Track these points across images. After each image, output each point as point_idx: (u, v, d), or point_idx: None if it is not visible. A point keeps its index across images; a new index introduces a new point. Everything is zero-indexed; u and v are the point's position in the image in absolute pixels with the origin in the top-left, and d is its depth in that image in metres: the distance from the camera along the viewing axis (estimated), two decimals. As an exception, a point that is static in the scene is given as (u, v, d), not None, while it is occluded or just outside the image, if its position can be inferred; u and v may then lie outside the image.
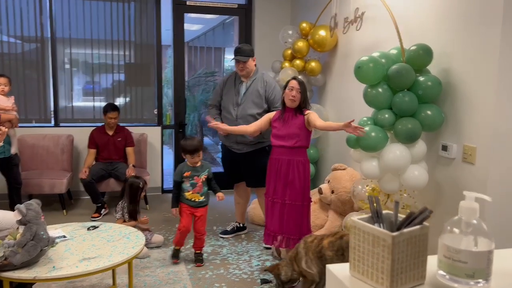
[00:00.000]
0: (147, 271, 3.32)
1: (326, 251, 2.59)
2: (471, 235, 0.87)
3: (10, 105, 4.06)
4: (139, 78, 5.44)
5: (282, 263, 2.79)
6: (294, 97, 3.18)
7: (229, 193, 4.91)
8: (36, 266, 2.32)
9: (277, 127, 3.27)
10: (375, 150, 2.87)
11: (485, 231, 0.88)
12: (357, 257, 0.91)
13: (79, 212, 4.72)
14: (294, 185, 3.18)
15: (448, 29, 2.83)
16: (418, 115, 2.81)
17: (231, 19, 6.46)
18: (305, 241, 2.71)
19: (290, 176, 3.19)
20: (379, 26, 3.60)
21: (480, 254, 0.86)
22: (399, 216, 0.91)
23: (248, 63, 3.67)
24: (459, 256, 0.85)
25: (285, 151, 3.20)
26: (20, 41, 5.04)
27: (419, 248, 0.88)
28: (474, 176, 2.64)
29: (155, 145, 5.42)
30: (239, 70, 3.70)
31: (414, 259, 0.87)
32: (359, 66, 2.87)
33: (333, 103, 4.48)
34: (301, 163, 3.20)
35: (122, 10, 5.26)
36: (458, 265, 0.86)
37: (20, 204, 2.34)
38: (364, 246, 0.89)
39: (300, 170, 3.19)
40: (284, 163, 3.20)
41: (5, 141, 4.03)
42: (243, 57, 3.64)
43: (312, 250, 2.64)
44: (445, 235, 0.90)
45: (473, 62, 2.63)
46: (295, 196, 3.19)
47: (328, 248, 2.59)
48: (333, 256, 2.57)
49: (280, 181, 3.22)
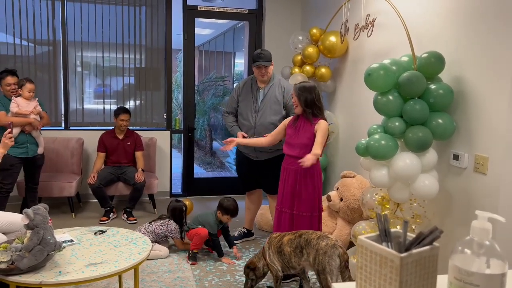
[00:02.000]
0: (153, 276, 3.31)
1: (285, 246, 2.78)
2: (484, 256, 0.84)
3: (30, 109, 4.07)
4: (149, 82, 5.45)
5: (256, 258, 2.96)
6: (294, 103, 3.16)
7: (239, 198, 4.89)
8: (42, 270, 2.32)
9: (290, 134, 3.22)
10: (385, 158, 2.83)
11: (498, 252, 0.85)
12: (364, 277, 0.88)
13: (88, 215, 4.74)
14: (301, 196, 3.12)
15: (460, 36, 2.79)
16: (429, 123, 2.77)
17: (242, 24, 6.46)
18: (270, 237, 2.93)
19: (297, 187, 3.13)
20: (390, 33, 3.56)
21: (493, 277, 0.82)
22: (408, 235, 0.88)
23: (269, 68, 3.64)
24: (471, 278, 0.82)
25: (294, 161, 3.12)
26: (33, 44, 5.09)
27: (428, 269, 0.85)
28: (486, 187, 2.59)
29: (164, 149, 5.43)
30: (260, 75, 3.65)
31: (423, 281, 0.84)
32: (369, 73, 2.84)
33: (343, 109, 4.44)
34: (309, 174, 3.11)
35: (134, 14, 5.29)
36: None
37: (28, 209, 2.35)
38: (371, 266, 0.86)
39: (308, 181, 3.11)
40: (291, 173, 3.15)
41: (29, 142, 4.10)
42: (266, 62, 3.61)
43: (274, 245, 2.85)
44: (456, 255, 0.87)
45: (485, 70, 2.59)
46: (303, 207, 3.13)
47: (287, 244, 2.78)
48: (291, 252, 2.75)
49: (287, 191, 3.17)
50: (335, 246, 2.62)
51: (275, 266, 2.84)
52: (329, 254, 2.60)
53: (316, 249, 2.64)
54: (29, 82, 4.08)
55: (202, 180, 6.08)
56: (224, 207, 3.64)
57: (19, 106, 4.01)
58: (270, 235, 2.96)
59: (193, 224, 3.72)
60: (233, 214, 3.66)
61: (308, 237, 2.71)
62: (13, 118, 3.95)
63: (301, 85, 3.16)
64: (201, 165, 8.53)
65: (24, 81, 4.06)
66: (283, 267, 2.83)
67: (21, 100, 4.06)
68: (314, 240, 2.68)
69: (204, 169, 8.35)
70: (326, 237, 2.68)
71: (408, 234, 0.89)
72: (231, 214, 3.65)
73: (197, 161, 8.29)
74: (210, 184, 5.88)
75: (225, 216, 3.65)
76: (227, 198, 3.70)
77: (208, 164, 8.71)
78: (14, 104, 4.01)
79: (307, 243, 2.69)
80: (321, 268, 2.60)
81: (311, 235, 2.73)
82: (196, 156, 7.77)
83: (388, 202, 3.02)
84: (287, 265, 2.80)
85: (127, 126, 4.77)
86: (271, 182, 3.74)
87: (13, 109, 3.98)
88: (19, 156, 4.05)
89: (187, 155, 5.65)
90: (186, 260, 3.62)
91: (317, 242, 2.65)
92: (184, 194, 5.67)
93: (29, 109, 4.06)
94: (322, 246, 2.63)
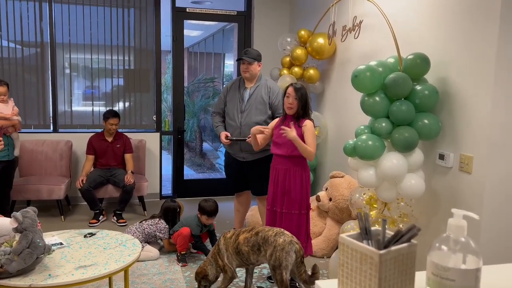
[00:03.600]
0: (143, 278, 3.32)
1: (242, 246, 2.78)
2: (460, 252, 0.88)
3: (10, 111, 4.06)
4: (138, 83, 5.45)
5: (206, 263, 2.91)
6: (291, 105, 3.15)
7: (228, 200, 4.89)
8: (32, 274, 2.32)
9: (276, 134, 3.24)
10: (372, 158, 2.87)
11: (473, 248, 0.88)
12: (346, 274, 0.91)
13: (77, 218, 4.72)
14: (291, 195, 3.16)
15: (445, 38, 2.84)
16: (415, 124, 2.82)
17: (231, 26, 6.48)
18: (225, 237, 2.89)
19: (287, 186, 3.17)
20: (377, 35, 3.61)
21: (468, 272, 0.86)
22: (387, 233, 0.91)
23: (252, 66, 3.65)
24: (447, 274, 0.85)
25: (282, 160, 3.18)
26: (20, 46, 5.06)
27: (407, 266, 0.88)
28: (470, 186, 2.64)
29: (154, 151, 5.43)
30: (242, 71, 3.68)
31: (401, 276, 0.87)
32: (356, 75, 2.88)
33: (331, 110, 4.49)
34: (298, 173, 3.16)
35: (122, 16, 5.28)
36: (446, 283, 0.86)
37: (16, 212, 2.34)
38: (352, 264, 0.89)
39: (297, 179, 3.16)
40: (281, 172, 3.19)
41: (10, 144, 4.07)
42: (248, 58, 3.63)
43: (231, 245, 2.83)
44: (434, 252, 0.90)
45: (469, 71, 2.64)
46: (292, 205, 3.17)
47: (244, 244, 2.78)
48: (249, 251, 2.77)
49: (278, 190, 3.21)
50: (292, 242, 2.69)
51: (232, 267, 2.85)
52: (286, 250, 2.66)
53: (274, 246, 2.68)
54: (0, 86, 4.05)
55: (192, 182, 6.09)
56: (201, 207, 3.66)
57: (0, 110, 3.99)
58: (224, 234, 2.93)
59: (177, 227, 3.73)
60: (210, 215, 3.66)
61: (265, 235, 2.75)
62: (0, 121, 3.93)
63: (300, 87, 3.16)
64: (191, 166, 8.53)
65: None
66: (241, 264, 2.86)
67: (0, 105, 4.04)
68: (271, 237, 2.72)
69: (194, 171, 8.35)
70: (283, 234, 2.73)
71: (387, 232, 0.92)
72: (207, 215, 3.66)
73: (187, 162, 8.29)
74: (200, 186, 5.89)
75: (203, 217, 3.67)
76: (206, 199, 3.72)
77: (198, 166, 8.71)
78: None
79: (264, 240, 2.74)
80: (278, 264, 2.66)
81: (267, 232, 2.76)
82: (186, 158, 7.77)
83: (376, 202, 3.07)
84: (245, 262, 2.84)
85: (117, 130, 4.76)
86: (258, 184, 3.77)
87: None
88: (2, 160, 4.04)
89: (177, 156, 5.66)
90: (176, 262, 3.63)
91: (275, 239, 2.70)
92: (174, 196, 5.67)
93: (9, 111, 4.04)
94: (279, 242, 2.68)
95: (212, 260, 2.89)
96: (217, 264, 2.87)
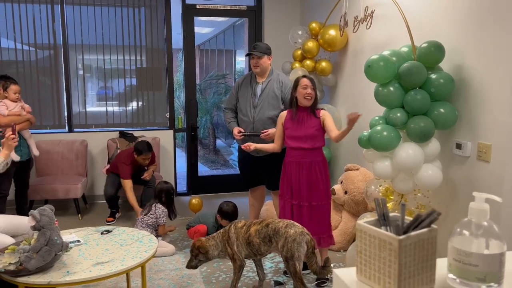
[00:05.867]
0: (161, 274, 3.33)
1: (253, 238, 2.81)
2: (482, 237, 0.85)
3: (18, 109, 4.06)
4: (151, 82, 5.47)
5: (209, 242, 2.90)
6: (309, 95, 3.10)
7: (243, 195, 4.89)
8: (50, 271, 2.34)
9: (291, 127, 3.18)
10: (388, 149, 2.83)
11: (497, 233, 0.85)
12: (364, 261, 0.89)
13: (94, 216, 4.77)
14: (319, 186, 3.13)
15: (459, 24, 2.78)
16: (430, 113, 2.77)
17: (241, 21, 6.47)
18: (236, 226, 2.90)
19: (313, 178, 3.12)
20: (389, 24, 3.56)
21: (491, 256, 0.83)
22: (406, 218, 0.89)
23: (262, 60, 3.62)
24: (469, 259, 0.83)
25: (304, 153, 3.12)
26: (34, 49, 5.12)
27: (427, 251, 0.85)
28: (489, 174, 2.58)
29: (168, 148, 5.45)
30: (253, 66, 3.65)
31: (422, 263, 0.85)
32: (369, 65, 2.84)
33: (345, 103, 4.44)
34: (322, 163, 3.15)
35: (133, 16, 5.30)
36: (469, 269, 0.83)
37: (33, 210, 2.37)
38: (371, 250, 0.87)
39: (322, 170, 3.14)
40: (305, 166, 3.13)
41: (22, 145, 4.07)
42: (258, 52, 3.60)
43: (241, 236, 2.86)
44: (455, 237, 0.87)
45: (486, 57, 2.58)
46: (321, 197, 3.15)
47: (255, 235, 2.81)
48: (260, 242, 2.80)
49: (304, 184, 3.14)
50: (303, 233, 2.70)
51: (241, 256, 2.88)
52: (298, 241, 2.67)
53: (285, 237, 2.70)
54: (13, 84, 4.04)
55: (206, 178, 6.09)
56: (222, 211, 3.67)
57: (8, 108, 3.98)
58: (235, 223, 2.93)
59: (193, 223, 3.73)
60: (231, 219, 3.66)
61: (275, 226, 2.76)
62: (9, 118, 3.93)
63: (312, 78, 3.17)
64: (205, 163, 8.56)
65: (8, 83, 4.01)
66: (250, 255, 2.89)
67: (9, 102, 4.02)
68: (282, 228, 2.73)
69: (209, 167, 8.37)
70: (294, 225, 2.75)
71: (406, 217, 0.90)
72: (229, 219, 3.66)
73: (201, 159, 8.32)
74: (215, 182, 5.90)
75: (224, 221, 3.67)
76: (227, 203, 3.71)
77: (212, 162, 8.73)
78: (3, 106, 3.96)
79: (275, 232, 2.75)
80: (290, 255, 2.67)
81: (278, 224, 2.77)
82: (200, 155, 7.79)
83: (392, 193, 3.03)
84: (255, 253, 2.87)
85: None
86: (272, 178, 3.75)
87: (3, 111, 3.93)
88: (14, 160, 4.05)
89: (190, 153, 5.67)
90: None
91: (286, 231, 2.71)
92: (189, 192, 5.69)
93: (18, 110, 4.05)
94: (291, 234, 2.69)
95: (220, 245, 2.91)
96: (225, 251, 2.90)
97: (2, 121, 3.92)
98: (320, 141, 3.16)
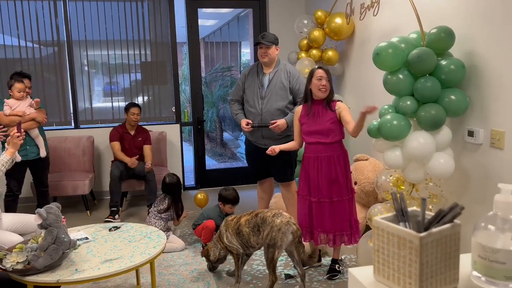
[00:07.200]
0: (171, 269, 3.31)
1: (243, 228, 2.89)
2: (509, 232, 0.79)
3: (23, 108, 3.97)
4: (156, 76, 5.43)
5: (210, 245, 3.12)
6: (325, 87, 2.99)
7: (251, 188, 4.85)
8: (59, 269, 2.33)
9: (307, 122, 3.06)
10: (398, 139, 2.77)
11: (524, 227, 0.80)
12: (382, 260, 0.84)
13: (103, 212, 4.76)
14: (339, 181, 3.01)
15: (470, 9, 2.70)
16: (441, 100, 2.69)
17: (246, 12, 6.38)
18: (226, 220, 3.05)
19: (333, 172, 3.00)
20: (397, 10, 3.47)
21: (519, 253, 0.77)
22: (426, 214, 0.84)
23: (271, 50, 3.55)
24: (496, 256, 0.78)
25: (322, 147, 3.01)
26: (38, 45, 5.09)
27: (450, 248, 0.80)
28: (503, 162, 2.52)
29: (175, 142, 5.42)
30: (261, 56, 3.59)
31: (445, 261, 0.80)
32: (377, 52, 2.76)
33: (353, 92, 4.37)
34: (342, 157, 3.03)
35: (136, 9, 5.25)
36: (495, 266, 0.78)
37: (39, 208, 2.35)
38: (389, 249, 0.82)
39: (341, 165, 3.02)
40: (325, 161, 3.01)
41: (28, 144, 4.02)
42: (267, 41, 3.54)
43: (231, 227, 2.96)
44: (479, 232, 0.82)
45: (498, 43, 2.50)
46: (342, 192, 3.02)
47: (245, 225, 2.89)
48: (250, 232, 2.87)
49: (323, 180, 3.02)
50: (289, 223, 2.75)
51: (234, 245, 2.95)
52: (283, 231, 2.73)
53: (271, 226, 2.75)
54: (17, 82, 3.96)
55: (214, 172, 6.06)
56: (223, 197, 3.65)
57: (12, 108, 3.93)
58: (226, 218, 3.07)
59: (198, 221, 3.70)
60: (233, 203, 3.65)
61: (263, 215, 2.83)
62: (10, 118, 3.89)
63: (327, 69, 3.05)
64: (213, 156, 8.53)
65: (12, 81, 3.96)
66: (242, 246, 2.95)
67: (13, 101, 3.96)
68: (269, 218, 2.79)
69: (216, 161, 8.34)
70: (281, 215, 2.80)
71: (427, 212, 0.84)
72: (231, 203, 3.65)
73: (209, 153, 8.28)
74: (223, 175, 5.86)
75: (226, 206, 3.65)
76: (226, 188, 3.71)
77: (220, 156, 8.70)
78: (6, 106, 3.92)
79: (263, 221, 2.81)
80: (272, 243, 2.74)
81: (266, 213, 2.84)
82: (207, 148, 7.76)
83: (403, 183, 2.97)
84: (246, 245, 2.92)
85: (138, 121, 4.73)
86: (281, 170, 3.70)
87: (6, 111, 3.89)
88: (25, 160, 3.99)
89: (198, 147, 5.63)
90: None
91: (272, 220, 2.77)
92: (198, 186, 5.66)
93: (23, 109, 3.95)
94: (277, 223, 2.74)
95: (217, 243, 3.06)
96: (221, 247, 3.03)
97: (3, 121, 3.86)
98: (338, 135, 3.02)
